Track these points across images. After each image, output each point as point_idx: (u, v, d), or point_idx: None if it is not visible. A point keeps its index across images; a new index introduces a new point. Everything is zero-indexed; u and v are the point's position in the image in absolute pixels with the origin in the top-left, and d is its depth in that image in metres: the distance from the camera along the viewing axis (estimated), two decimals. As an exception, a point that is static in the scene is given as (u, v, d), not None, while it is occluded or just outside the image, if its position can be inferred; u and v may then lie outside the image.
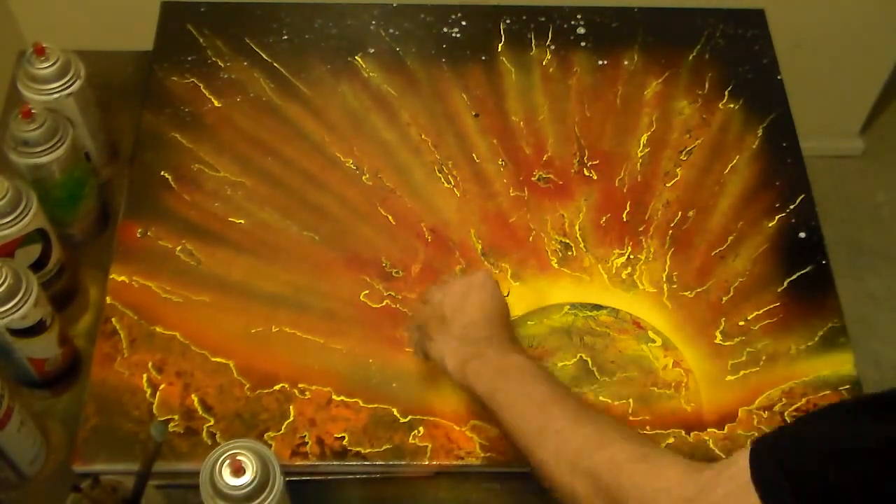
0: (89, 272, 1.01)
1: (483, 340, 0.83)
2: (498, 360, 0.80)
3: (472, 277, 0.87)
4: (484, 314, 0.85)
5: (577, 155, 1.10)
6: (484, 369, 0.80)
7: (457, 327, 0.84)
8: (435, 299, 0.88)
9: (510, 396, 0.77)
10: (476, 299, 0.85)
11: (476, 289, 0.86)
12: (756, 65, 1.18)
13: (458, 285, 0.87)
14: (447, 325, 0.85)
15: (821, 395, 0.95)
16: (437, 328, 0.86)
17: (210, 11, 1.19)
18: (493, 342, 0.83)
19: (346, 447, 0.90)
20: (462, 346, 0.83)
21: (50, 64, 0.95)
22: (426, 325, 0.87)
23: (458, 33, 1.19)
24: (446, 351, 0.83)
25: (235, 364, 0.94)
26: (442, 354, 0.84)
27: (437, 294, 0.88)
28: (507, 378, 0.79)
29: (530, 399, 0.77)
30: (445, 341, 0.84)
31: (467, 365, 0.81)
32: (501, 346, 0.82)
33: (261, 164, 1.07)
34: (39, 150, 0.92)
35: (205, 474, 0.73)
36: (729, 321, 0.99)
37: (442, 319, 0.85)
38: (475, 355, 0.81)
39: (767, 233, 1.05)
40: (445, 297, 0.86)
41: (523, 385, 0.78)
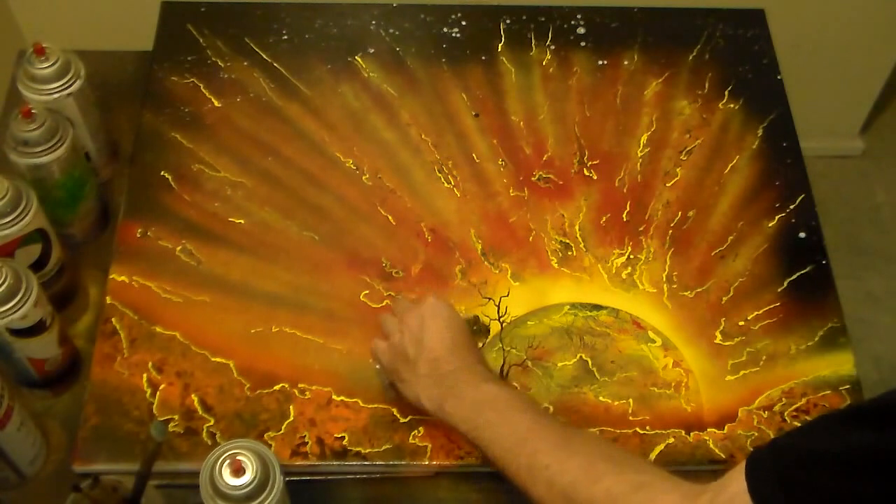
0: (89, 272, 1.01)
1: (452, 374, 0.82)
2: (471, 394, 0.80)
3: (423, 308, 0.86)
4: (445, 345, 0.84)
5: (577, 155, 1.10)
6: (460, 407, 0.80)
7: (423, 365, 0.83)
8: (394, 337, 0.87)
9: (493, 433, 0.77)
10: (434, 330, 0.84)
11: (429, 319, 0.85)
12: (756, 65, 1.18)
13: (412, 319, 0.86)
14: (413, 365, 0.84)
15: (821, 395, 0.95)
16: (404, 369, 0.85)
17: (210, 11, 1.19)
18: (463, 374, 0.82)
19: (346, 447, 0.90)
20: (433, 385, 0.82)
21: (50, 64, 0.95)
22: (391, 365, 0.87)
23: (458, 33, 1.19)
24: (420, 392, 0.83)
25: (235, 364, 0.94)
26: (417, 396, 0.84)
27: (395, 332, 0.87)
28: (483, 413, 0.78)
29: (514, 434, 0.76)
30: (416, 382, 0.84)
31: (444, 404, 0.81)
32: (472, 377, 0.82)
33: (261, 164, 1.07)
34: (39, 150, 0.92)
35: (205, 474, 0.73)
36: (729, 321, 0.99)
37: (406, 359, 0.85)
38: (448, 393, 0.81)
39: (767, 233, 1.05)
40: (404, 334, 0.86)
41: (503, 419, 0.77)
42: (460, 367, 0.83)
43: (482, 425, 0.78)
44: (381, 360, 0.89)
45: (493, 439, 0.77)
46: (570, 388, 0.94)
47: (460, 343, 0.85)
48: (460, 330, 0.86)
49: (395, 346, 0.87)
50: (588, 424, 0.92)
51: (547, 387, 0.94)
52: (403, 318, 0.87)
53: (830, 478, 0.58)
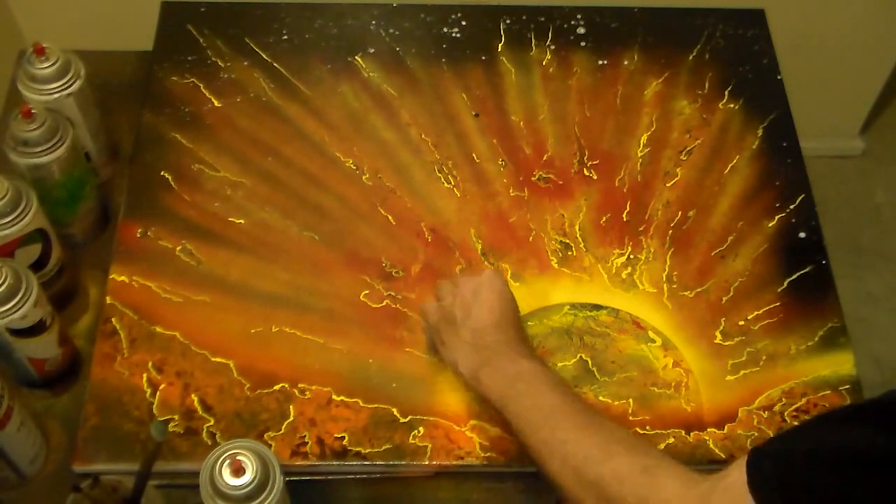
0: (89, 272, 1.01)
1: (493, 346, 0.83)
2: (509, 368, 0.81)
3: (481, 277, 0.88)
4: (493, 318, 0.85)
5: (577, 155, 1.10)
6: (495, 377, 0.81)
7: (467, 332, 0.85)
8: (446, 300, 0.88)
9: (521, 406, 0.78)
10: (485, 301, 0.86)
11: (485, 289, 0.86)
12: (756, 65, 1.18)
13: (467, 286, 0.87)
14: (457, 330, 0.85)
15: (821, 394, 0.95)
16: (447, 332, 0.86)
17: (210, 11, 1.19)
18: (503, 347, 0.83)
19: (346, 447, 0.90)
20: (473, 353, 0.83)
21: (50, 64, 0.95)
22: (437, 325, 0.88)
23: (458, 33, 1.19)
24: (458, 357, 0.84)
25: (235, 364, 0.94)
26: (454, 360, 0.85)
27: (447, 295, 0.88)
28: (517, 387, 0.79)
29: (539, 409, 0.77)
30: (457, 347, 0.85)
31: (479, 372, 0.82)
32: (511, 351, 0.83)
33: (261, 164, 1.07)
34: (39, 150, 0.92)
35: (205, 474, 0.73)
36: (729, 321, 0.99)
37: (452, 322, 0.86)
38: (486, 362, 0.82)
39: (767, 233, 1.05)
40: (456, 299, 0.87)
41: (533, 395, 0.78)
42: (502, 341, 0.84)
43: (512, 396, 0.79)
44: (427, 318, 0.91)
45: (520, 412, 0.78)
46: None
47: (508, 318, 0.86)
48: (510, 305, 0.87)
49: (445, 307, 0.88)
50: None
51: (547, 387, 0.94)
52: (459, 283, 0.89)
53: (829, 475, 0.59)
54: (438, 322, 0.88)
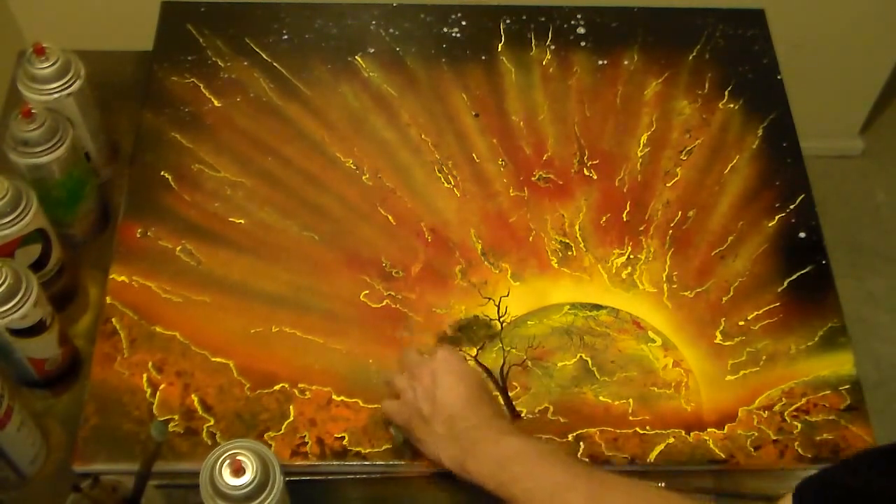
0: (89, 272, 1.01)
1: (470, 431, 0.80)
2: (493, 450, 0.78)
3: (435, 361, 0.84)
4: (460, 401, 0.82)
5: (577, 155, 1.10)
6: (483, 465, 0.78)
7: (440, 425, 0.82)
8: (406, 395, 0.85)
9: (521, 489, 0.75)
10: (447, 386, 0.82)
11: (442, 374, 0.83)
12: (756, 65, 1.18)
13: (424, 374, 0.84)
14: (429, 424, 0.82)
15: (821, 394, 0.95)
16: (420, 429, 0.83)
17: (210, 11, 1.19)
18: (480, 430, 0.80)
19: (346, 447, 0.90)
20: (452, 444, 0.81)
21: (50, 64, 0.95)
22: (407, 425, 0.85)
23: (458, 33, 1.19)
24: (440, 452, 0.82)
25: (235, 364, 0.94)
26: (437, 456, 0.82)
27: (407, 390, 0.85)
28: (509, 468, 0.77)
29: (541, 488, 0.74)
30: (435, 442, 0.82)
31: (466, 464, 0.79)
32: (491, 432, 0.80)
33: (261, 164, 1.07)
34: (39, 150, 0.92)
35: (205, 474, 0.73)
36: (729, 321, 0.99)
37: (421, 418, 0.83)
38: (469, 452, 0.79)
39: (767, 233, 1.05)
40: (417, 391, 0.84)
41: (529, 472, 0.76)
42: (477, 424, 0.81)
43: (508, 481, 0.76)
44: (395, 419, 0.87)
45: (522, 495, 0.75)
46: (570, 388, 0.94)
47: (476, 396, 0.83)
48: (474, 382, 0.84)
49: (409, 403, 0.84)
50: (588, 424, 0.92)
51: (547, 387, 0.94)
52: (414, 373, 0.85)
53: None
54: (408, 421, 0.85)
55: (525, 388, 0.94)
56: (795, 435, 0.92)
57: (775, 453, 0.91)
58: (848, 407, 0.94)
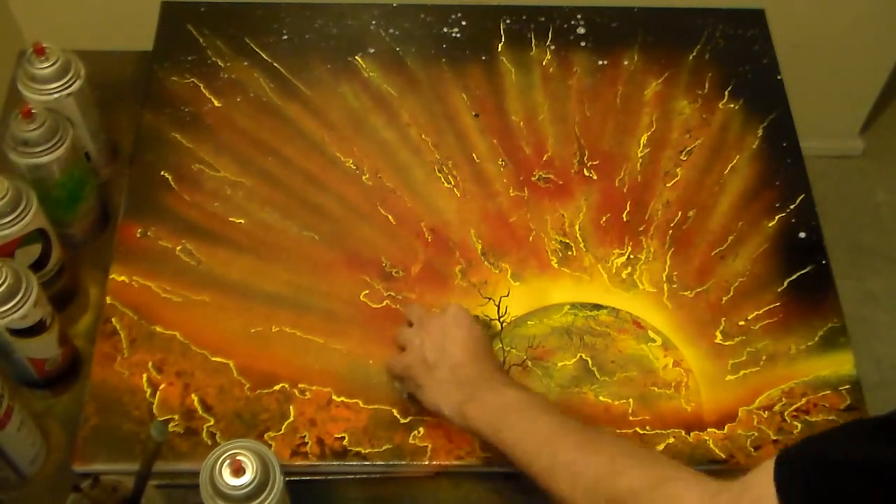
0: (89, 272, 1.01)
1: (473, 380, 0.83)
2: (494, 399, 0.80)
3: (445, 316, 0.87)
4: (467, 352, 0.84)
5: (577, 155, 1.10)
6: (483, 411, 0.80)
7: (444, 371, 0.84)
8: (413, 343, 0.87)
9: (514, 435, 0.77)
10: (456, 338, 0.85)
11: (452, 327, 0.86)
12: (756, 65, 1.18)
13: (433, 326, 0.87)
14: (433, 371, 0.85)
15: (821, 394, 0.95)
16: (423, 375, 0.85)
17: (210, 11, 1.19)
18: (483, 380, 0.82)
19: (346, 447, 0.90)
20: (454, 391, 0.83)
21: (50, 64, 0.95)
22: (411, 372, 0.87)
23: (458, 33, 1.19)
24: (440, 398, 0.83)
25: (235, 364, 0.94)
26: (436, 401, 0.84)
27: (414, 339, 0.88)
28: (507, 416, 0.79)
29: (534, 435, 0.77)
30: (436, 388, 0.84)
31: (465, 409, 0.81)
32: (493, 382, 0.82)
33: (261, 164, 1.07)
34: (39, 150, 0.92)
35: (205, 474, 0.73)
36: (729, 321, 0.99)
37: (426, 364, 0.85)
38: (470, 398, 0.81)
39: (767, 233, 1.05)
40: (425, 341, 0.86)
41: (525, 421, 0.78)
42: (480, 373, 0.83)
43: (504, 428, 0.78)
44: (397, 369, 0.89)
45: (516, 442, 0.77)
46: (570, 388, 0.94)
47: (482, 351, 0.86)
48: (481, 338, 0.87)
49: (414, 351, 0.87)
50: (588, 424, 0.92)
51: (547, 387, 0.94)
52: (424, 324, 0.88)
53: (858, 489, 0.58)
54: (411, 368, 0.87)
55: (525, 388, 0.94)
56: (795, 435, 0.92)
57: (775, 453, 0.91)
58: (848, 407, 0.94)
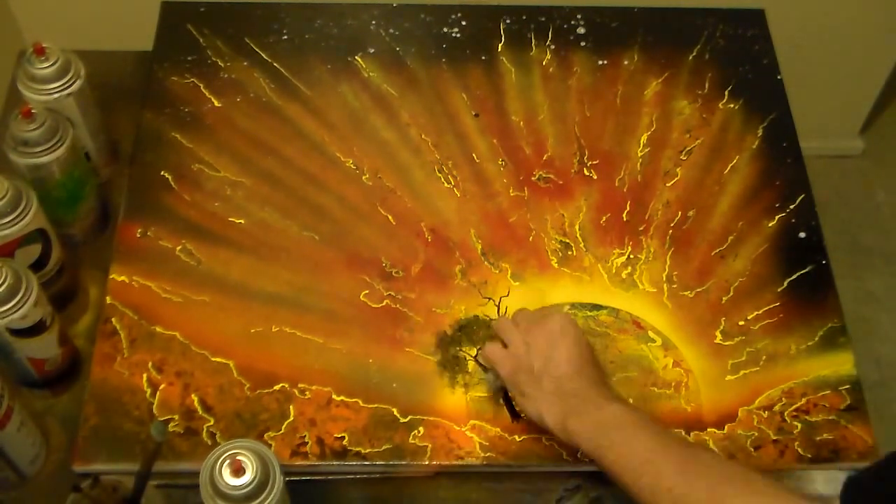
0: (89, 272, 1.01)
1: (577, 392, 0.82)
2: (596, 414, 0.80)
3: (552, 325, 0.86)
4: (573, 365, 0.84)
5: (577, 155, 1.10)
6: (584, 426, 0.80)
7: (549, 382, 0.84)
8: (517, 348, 0.87)
9: (615, 453, 0.77)
10: (563, 349, 0.85)
11: (559, 337, 0.85)
12: (756, 65, 1.18)
13: (541, 334, 0.86)
14: (539, 380, 0.84)
15: (821, 394, 0.95)
16: (527, 383, 0.85)
17: (210, 11, 1.19)
18: (587, 393, 0.82)
19: (346, 447, 0.90)
20: (558, 403, 0.82)
21: (50, 64, 0.95)
22: (513, 377, 0.87)
23: (458, 33, 1.19)
24: (543, 409, 0.83)
25: (235, 364, 0.94)
26: (539, 412, 0.83)
27: (520, 343, 0.87)
28: (608, 433, 0.79)
29: (636, 455, 0.76)
30: (540, 398, 0.84)
31: (567, 422, 0.81)
32: (597, 396, 0.82)
33: (261, 164, 1.07)
34: (39, 150, 0.92)
35: (205, 474, 0.73)
36: (729, 321, 0.99)
37: (530, 372, 0.85)
38: (573, 411, 0.81)
39: (767, 233, 1.05)
40: (531, 349, 0.86)
41: (627, 440, 0.78)
42: (585, 386, 0.83)
43: (605, 445, 0.78)
44: (499, 367, 0.89)
45: (616, 460, 0.77)
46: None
47: (587, 362, 0.85)
48: (588, 349, 0.86)
49: (520, 358, 0.86)
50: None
51: (547, 387, 0.94)
52: (530, 331, 0.87)
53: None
54: (515, 373, 0.86)
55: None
56: (795, 435, 0.92)
57: (775, 453, 0.91)
58: (848, 407, 0.94)
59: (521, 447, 0.90)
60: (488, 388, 0.93)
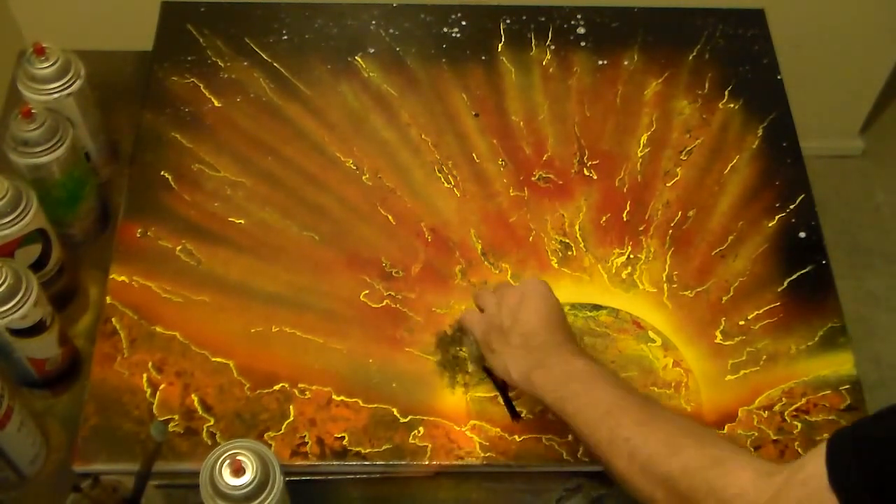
0: (89, 272, 1.01)
1: (544, 347, 0.83)
2: (561, 367, 0.81)
3: (525, 285, 0.87)
4: (541, 320, 0.85)
5: (577, 155, 1.10)
6: (549, 378, 0.80)
7: (516, 336, 0.84)
8: (490, 308, 0.88)
9: (577, 405, 0.78)
10: (532, 306, 0.85)
11: (530, 296, 0.86)
12: (756, 65, 1.18)
13: (512, 295, 0.87)
14: (506, 336, 0.85)
15: (821, 394, 0.95)
16: (496, 340, 0.86)
17: (210, 11, 1.19)
18: (553, 348, 0.83)
19: (346, 447, 0.90)
20: (524, 356, 0.83)
21: (50, 64, 0.95)
22: (484, 336, 0.87)
23: (458, 33, 1.19)
24: (509, 362, 0.84)
25: (235, 364, 0.94)
26: (505, 365, 0.84)
27: (492, 304, 0.88)
28: (571, 385, 0.79)
29: (596, 407, 0.77)
30: (507, 352, 0.84)
31: (532, 374, 0.81)
32: (562, 351, 0.82)
33: (261, 164, 1.07)
34: (39, 150, 0.92)
35: (205, 474, 0.73)
36: (729, 321, 0.99)
37: (500, 330, 0.86)
38: (538, 364, 0.82)
39: (767, 233, 1.05)
40: (502, 308, 0.86)
41: (589, 392, 0.78)
42: (551, 342, 0.84)
43: (567, 396, 0.79)
44: (473, 328, 0.90)
45: (577, 411, 0.78)
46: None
47: (555, 320, 0.86)
48: (556, 308, 0.87)
49: (491, 316, 0.87)
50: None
51: (547, 387, 0.94)
52: (503, 292, 0.88)
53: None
54: (486, 332, 0.87)
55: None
56: (795, 435, 0.92)
57: (775, 453, 0.91)
58: (848, 407, 0.94)
59: (521, 447, 0.90)
60: (469, 355, 0.94)
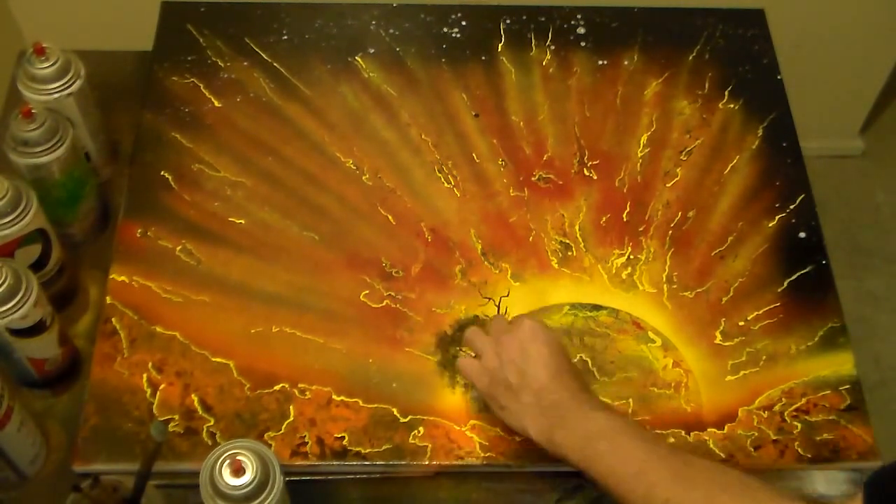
0: (89, 272, 1.01)
1: (560, 403, 0.80)
2: (583, 426, 0.78)
3: (522, 332, 0.83)
4: (550, 373, 0.82)
5: (577, 155, 1.10)
6: (572, 439, 0.78)
7: (528, 394, 0.81)
8: (489, 360, 0.84)
9: (606, 464, 0.76)
10: (538, 359, 0.82)
11: (531, 346, 0.82)
12: (756, 65, 1.18)
13: (511, 346, 0.83)
14: (516, 394, 0.82)
15: (821, 394, 0.95)
16: (505, 397, 0.83)
17: (210, 11, 1.19)
18: (570, 402, 0.80)
19: (346, 447, 0.90)
20: (541, 415, 0.80)
21: (50, 64, 0.95)
22: (489, 390, 0.84)
23: (458, 33, 1.19)
24: (527, 422, 0.81)
25: (235, 364, 0.94)
26: (523, 425, 0.82)
27: (490, 356, 0.84)
28: (596, 444, 0.77)
29: (628, 466, 0.75)
30: (521, 412, 0.82)
31: (553, 435, 0.79)
32: (580, 405, 0.80)
33: (261, 164, 1.07)
34: (39, 150, 0.92)
35: (205, 474, 0.73)
36: (729, 321, 0.99)
37: (507, 387, 0.83)
38: (558, 424, 0.79)
39: (767, 233, 1.05)
40: (504, 361, 0.83)
41: (615, 450, 0.76)
42: (567, 397, 0.80)
43: (594, 456, 0.76)
44: (475, 382, 0.86)
45: (607, 472, 0.75)
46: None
47: (564, 369, 0.83)
48: (562, 354, 0.84)
49: (493, 372, 0.84)
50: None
51: (547, 387, 0.94)
52: (501, 342, 0.84)
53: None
54: (491, 387, 0.84)
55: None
56: (795, 435, 0.92)
57: (775, 453, 0.91)
58: (848, 407, 0.94)
59: (521, 447, 0.90)
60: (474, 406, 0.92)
